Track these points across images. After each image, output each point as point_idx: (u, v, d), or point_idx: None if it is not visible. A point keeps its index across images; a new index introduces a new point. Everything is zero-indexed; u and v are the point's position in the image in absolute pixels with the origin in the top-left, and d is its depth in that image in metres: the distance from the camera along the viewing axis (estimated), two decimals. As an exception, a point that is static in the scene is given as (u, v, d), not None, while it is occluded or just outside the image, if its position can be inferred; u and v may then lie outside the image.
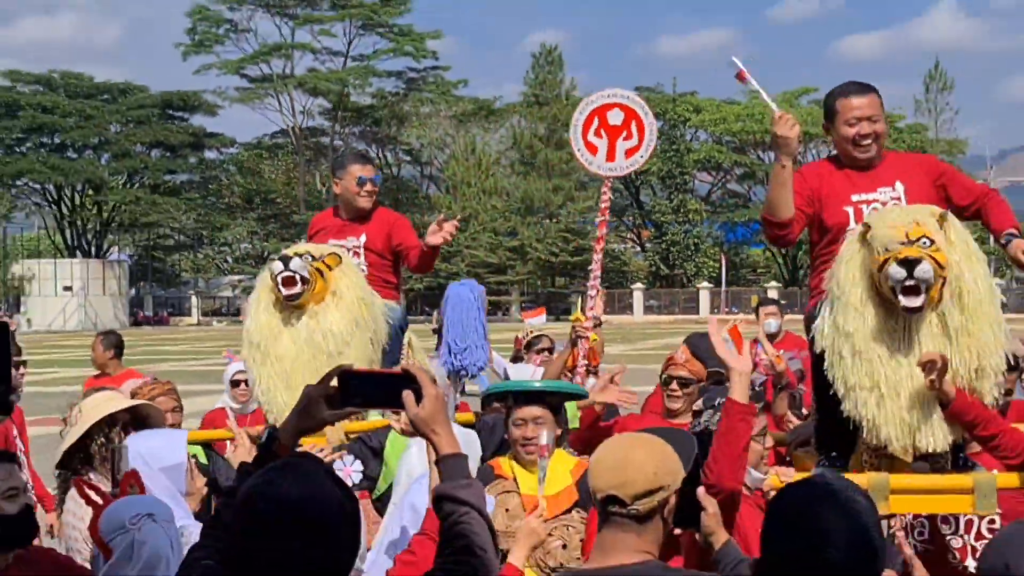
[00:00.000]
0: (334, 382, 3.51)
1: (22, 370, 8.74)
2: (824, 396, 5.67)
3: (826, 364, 5.53)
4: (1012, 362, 5.86)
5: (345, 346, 7.10)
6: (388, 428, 7.19)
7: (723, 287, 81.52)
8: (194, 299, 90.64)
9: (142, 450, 4.99)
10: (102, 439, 5.40)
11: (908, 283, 5.14)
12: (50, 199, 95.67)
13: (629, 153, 8.27)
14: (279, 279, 7.03)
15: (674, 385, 7.31)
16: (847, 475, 5.36)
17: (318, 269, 7.15)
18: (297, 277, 7.00)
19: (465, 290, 7.29)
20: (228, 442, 6.10)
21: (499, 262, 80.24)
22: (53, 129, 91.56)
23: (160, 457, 5.01)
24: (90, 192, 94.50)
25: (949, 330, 5.39)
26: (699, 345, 7.46)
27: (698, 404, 5.29)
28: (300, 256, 7.12)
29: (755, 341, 10.98)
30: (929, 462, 5.52)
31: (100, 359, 11.59)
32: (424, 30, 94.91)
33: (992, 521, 5.87)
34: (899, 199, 5.93)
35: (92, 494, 4.51)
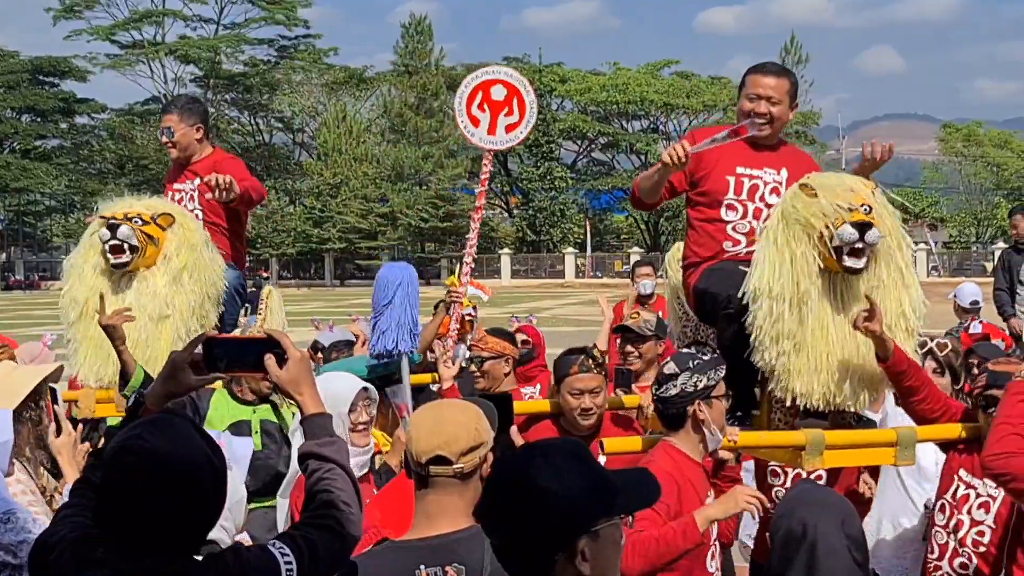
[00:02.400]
0: (199, 349, 3.52)
1: None
2: (730, 358, 5.68)
3: (751, 319, 5.58)
4: None
5: (167, 308, 7.03)
6: (211, 393, 7.21)
7: (588, 252, 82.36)
8: (66, 264, 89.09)
9: None
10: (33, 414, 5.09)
11: (857, 245, 5.32)
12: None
13: (509, 128, 8.35)
14: (107, 247, 7.03)
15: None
16: (782, 433, 5.69)
17: (148, 235, 7.05)
18: (125, 246, 6.96)
19: (413, 272, 7.26)
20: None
21: (370, 228, 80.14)
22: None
23: None
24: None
25: (878, 289, 5.55)
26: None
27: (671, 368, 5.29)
28: (130, 220, 7.02)
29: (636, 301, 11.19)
30: (836, 418, 5.73)
31: None
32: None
33: (820, 476, 6.00)
34: (781, 183, 6.06)
35: None
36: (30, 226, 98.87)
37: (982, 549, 5.34)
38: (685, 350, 5.52)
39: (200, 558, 3.18)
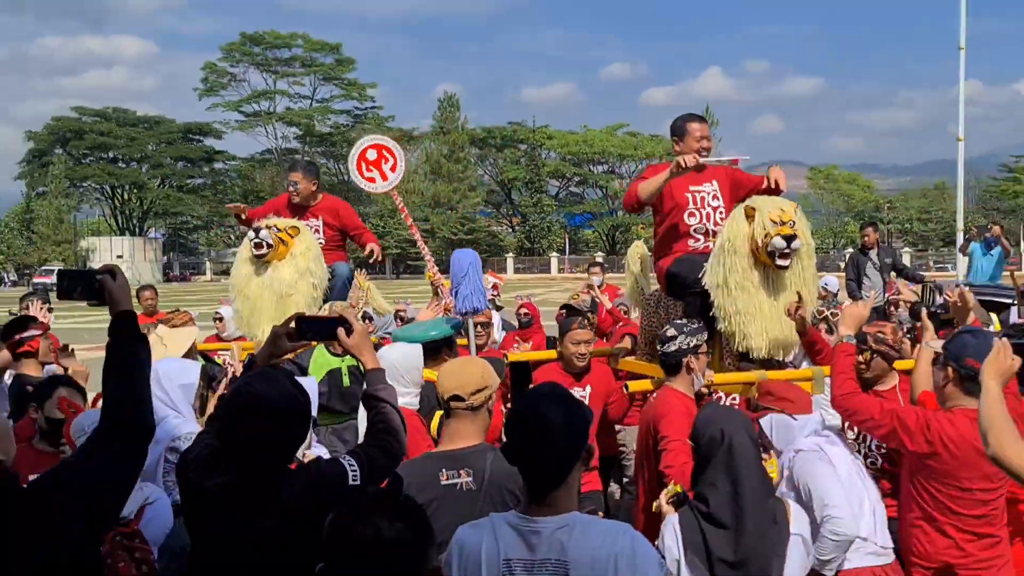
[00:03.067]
0: (293, 324, 3.56)
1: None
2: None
3: (713, 295, 5.57)
4: None
5: (292, 289, 7.21)
6: (312, 350, 7.22)
7: (566, 255, 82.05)
8: (208, 264, 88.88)
9: (166, 369, 4.89)
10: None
11: (785, 251, 5.41)
12: (106, 195, 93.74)
13: (393, 168, 8.26)
14: (252, 243, 7.28)
15: (479, 328, 7.44)
16: (740, 373, 5.66)
17: (280, 238, 7.27)
18: (264, 243, 7.20)
19: (476, 254, 7.35)
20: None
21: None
22: (108, 147, 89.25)
23: (179, 376, 4.87)
24: (135, 191, 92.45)
25: (794, 280, 5.63)
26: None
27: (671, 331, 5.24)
28: (268, 228, 7.27)
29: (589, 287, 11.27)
30: (766, 363, 5.71)
31: (152, 301, 12.42)
32: (365, 82, 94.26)
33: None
34: (716, 191, 6.10)
35: (69, 408, 4.76)
36: (183, 238, 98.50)
37: (884, 450, 5.34)
38: (678, 320, 5.36)
39: (292, 467, 3.21)
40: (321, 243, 7.95)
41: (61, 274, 3.10)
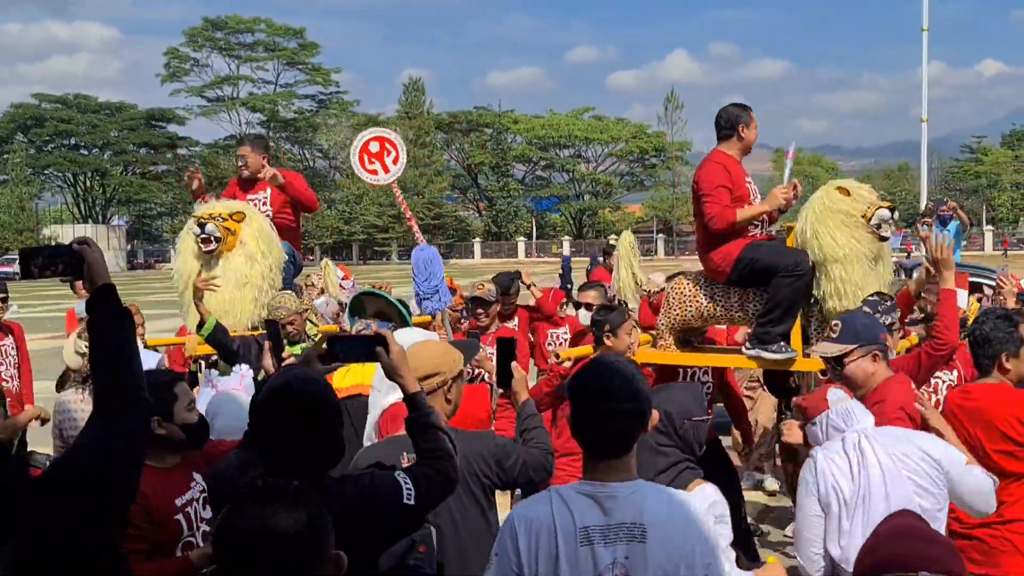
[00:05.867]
0: (324, 345, 3.37)
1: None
2: (787, 306, 5.80)
3: (832, 270, 5.70)
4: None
5: (246, 278, 7.05)
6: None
7: (533, 240, 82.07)
8: (173, 252, 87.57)
9: None
10: None
11: (889, 221, 5.68)
12: (69, 183, 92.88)
13: (395, 161, 8.14)
14: (199, 240, 7.06)
15: (478, 308, 7.20)
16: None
17: (227, 228, 7.05)
18: (212, 238, 7.00)
19: (435, 252, 7.48)
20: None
21: (383, 224, 79.53)
22: (70, 134, 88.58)
23: None
24: (97, 178, 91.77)
25: (881, 251, 5.85)
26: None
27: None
28: (213, 218, 7.04)
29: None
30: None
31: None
32: (330, 67, 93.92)
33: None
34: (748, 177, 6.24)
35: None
36: (146, 225, 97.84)
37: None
38: (871, 298, 5.30)
39: (338, 476, 2.99)
40: (268, 214, 7.77)
41: (30, 252, 2.85)
